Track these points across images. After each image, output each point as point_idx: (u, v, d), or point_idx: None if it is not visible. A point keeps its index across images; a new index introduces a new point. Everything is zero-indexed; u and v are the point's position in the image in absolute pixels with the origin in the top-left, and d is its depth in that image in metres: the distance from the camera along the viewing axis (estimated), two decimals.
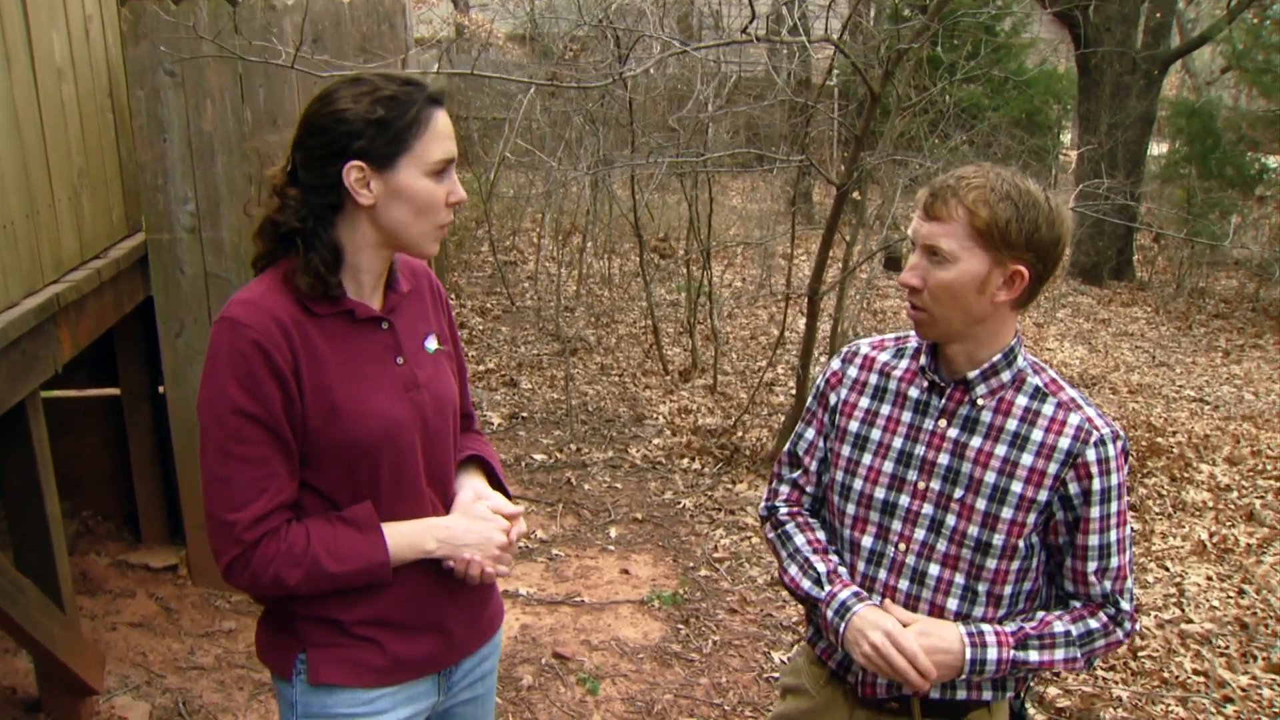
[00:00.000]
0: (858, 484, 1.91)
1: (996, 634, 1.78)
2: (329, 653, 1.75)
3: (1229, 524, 5.40)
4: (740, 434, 6.29)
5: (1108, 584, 1.80)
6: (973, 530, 1.79)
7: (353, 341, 1.71)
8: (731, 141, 9.21)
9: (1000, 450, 1.78)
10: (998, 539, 1.78)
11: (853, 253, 6.47)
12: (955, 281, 1.71)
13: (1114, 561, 1.79)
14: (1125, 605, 1.82)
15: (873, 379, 1.95)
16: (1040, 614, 1.83)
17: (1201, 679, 3.99)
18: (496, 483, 1.96)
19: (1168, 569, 4.89)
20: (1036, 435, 1.77)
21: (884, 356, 1.96)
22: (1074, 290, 11.34)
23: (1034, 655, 1.79)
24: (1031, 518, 1.77)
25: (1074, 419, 1.76)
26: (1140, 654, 4.12)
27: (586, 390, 7.14)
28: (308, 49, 3.64)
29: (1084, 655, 1.82)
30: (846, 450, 1.94)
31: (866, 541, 1.90)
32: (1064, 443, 1.75)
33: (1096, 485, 1.75)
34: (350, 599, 1.73)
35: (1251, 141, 11.19)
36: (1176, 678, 3.98)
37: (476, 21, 11.69)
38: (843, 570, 1.93)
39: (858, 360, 1.99)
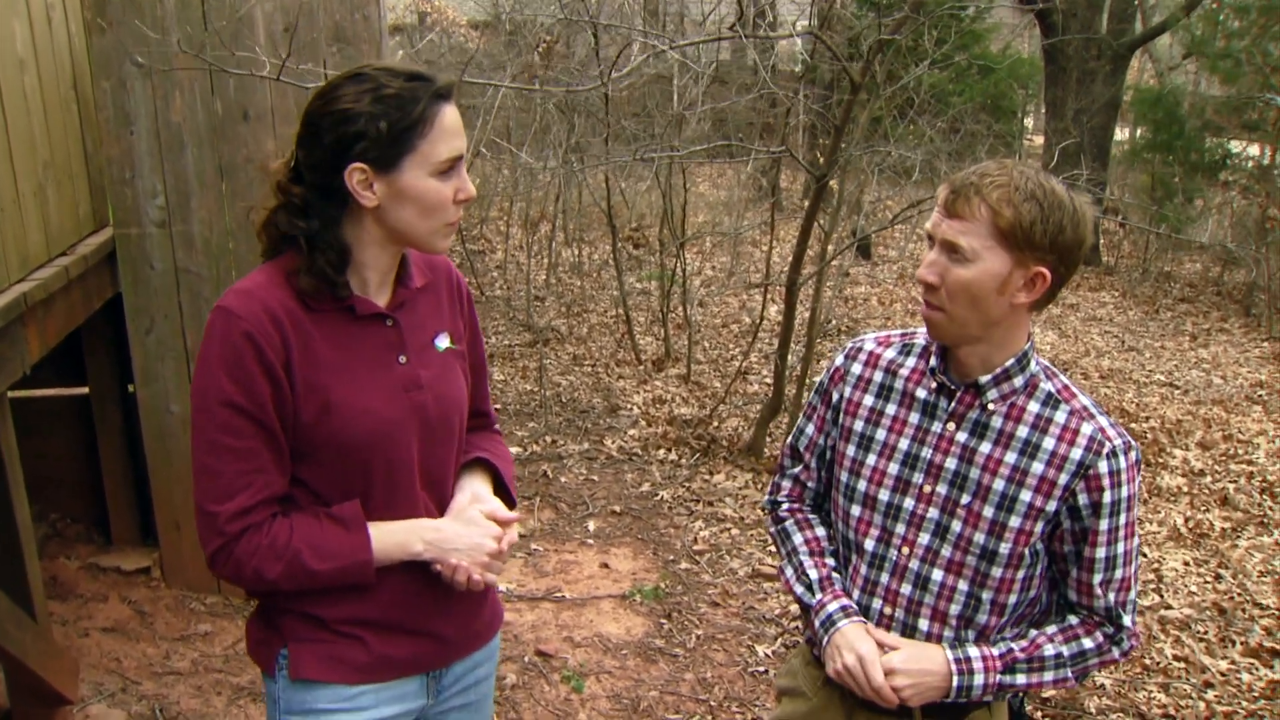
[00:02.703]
0: (862, 485, 1.87)
1: (984, 659, 1.77)
2: (310, 648, 1.72)
3: (1204, 509, 5.45)
4: (716, 424, 6.26)
5: (1112, 596, 1.77)
6: (979, 537, 1.76)
7: (351, 338, 1.67)
8: (703, 130, 9.14)
9: (1010, 457, 1.74)
10: (1004, 547, 1.75)
11: (829, 241, 6.44)
12: (974, 281, 1.65)
13: (1119, 573, 1.76)
14: (1126, 621, 1.78)
15: (878, 376, 1.90)
16: (1032, 633, 1.81)
17: (1182, 665, 4.02)
18: (502, 486, 1.90)
19: (1145, 555, 4.92)
20: (1048, 443, 1.73)
21: (890, 353, 1.91)
22: None
23: (1021, 679, 1.78)
24: (1039, 527, 1.74)
25: (1087, 428, 1.72)
26: None
27: (560, 381, 7.08)
28: (279, 40, 3.54)
29: (1075, 673, 1.80)
30: (851, 450, 1.89)
31: (869, 544, 1.86)
32: (1076, 453, 1.71)
33: (1107, 498, 1.71)
34: (335, 597, 1.70)
35: (1215, 127, 11.28)
36: (1158, 664, 4.01)
37: (438, 9, 11.52)
38: (836, 577, 1.91)
39: (862, 357, 1.94)
